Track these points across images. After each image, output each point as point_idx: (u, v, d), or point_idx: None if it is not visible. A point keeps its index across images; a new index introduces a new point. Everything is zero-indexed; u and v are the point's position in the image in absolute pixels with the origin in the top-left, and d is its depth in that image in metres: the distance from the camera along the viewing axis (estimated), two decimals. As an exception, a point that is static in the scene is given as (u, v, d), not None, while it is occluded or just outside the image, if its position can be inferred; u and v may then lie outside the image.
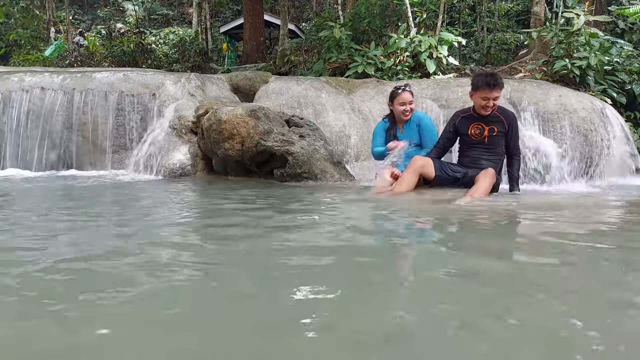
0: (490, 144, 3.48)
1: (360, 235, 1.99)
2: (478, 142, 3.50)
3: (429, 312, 1.05)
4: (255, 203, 2.91)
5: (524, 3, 18.40)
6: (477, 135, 3.48)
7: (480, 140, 3.49)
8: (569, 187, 4.65)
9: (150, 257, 1.52)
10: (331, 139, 5.20)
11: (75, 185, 4.00)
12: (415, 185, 3.39)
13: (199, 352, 0.85)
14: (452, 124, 3.60)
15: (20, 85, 5.54)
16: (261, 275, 1.35)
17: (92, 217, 2.39)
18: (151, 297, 1.13)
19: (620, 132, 5.54)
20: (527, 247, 1.83)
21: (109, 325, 0.96)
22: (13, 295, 1.15)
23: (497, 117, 3.46)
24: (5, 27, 16.92)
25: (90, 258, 1.49)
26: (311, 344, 0.87)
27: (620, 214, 2.84)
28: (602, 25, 9.79)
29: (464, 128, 3.53)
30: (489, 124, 3.46)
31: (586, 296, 1.19)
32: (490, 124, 3.46)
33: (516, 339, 0.91)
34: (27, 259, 1.48)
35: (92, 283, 1.24)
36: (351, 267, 1.46)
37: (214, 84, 6.21)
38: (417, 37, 8.14)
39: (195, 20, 18.24)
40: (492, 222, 2.37)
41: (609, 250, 1.72)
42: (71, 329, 0.95)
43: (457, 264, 1.49)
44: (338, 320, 0.99)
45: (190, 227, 2.16)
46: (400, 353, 0.84)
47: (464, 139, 3.58)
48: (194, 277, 1.32)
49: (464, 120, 3.54)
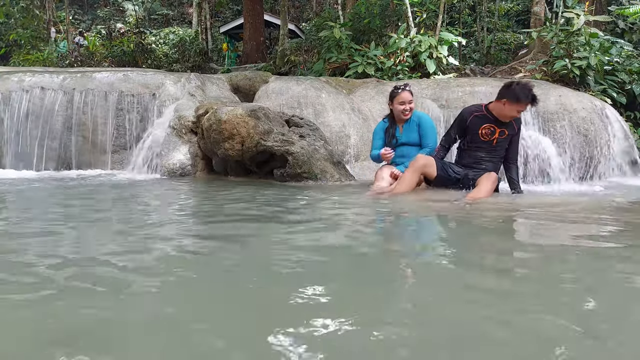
0: (497, 145, 3.46)
1: (360, 235, 1.99)
2: (485, 142, 3.47)
3: (429, 312, 1.05)
4: (255, 203, 2.91)
5: (524, 3, 18.40)
6: (487, 136, 3.44)
7: (488, 141, 3.46)
8: (569, 187, 4.65)
9: (150, 257, 1.52)
10: (331, 139, 5.20)
11: (75, 185, 4.00)
12: (416, 184, 3.38)
13: (198, 349, 0.85)
14: (463, 121, 3.52)
15: (20, 85, 5.53)
16: (261, 275, 1.35)
17: (92, 217, 2.39)
18: (150, 297, 1.13)
19: (620, 132, 5.54)
20: (527, 247, 1.83)
21: (108, 325, 0.96)
22: (13, 294, 1.15)
23: (510, 122, 3.43)
24: (5, 27, 16.92)
25: (90, 258, 1.49)
26: (310, 345, 0.87)
27: (621, 214, 2.84)
28: (602, 25, 9.79)
29: (475, 127, 3.46)
30: (501, 127, 3.42)
31: (586, 297, 1.19)
32: (503, 127, 3.43)
33: (516, 340, 0.91)
34: (27, 259, 1.48)
35: (91, 283, 1.24)
36: (351, 267, 1.46)
37: (214, 84, 6.21)
38: (417, 37, 8.14)
39: (195, 20, 18.24)
40: (493, 223, 2.37)
41: (609, 250, 1.72)
42: (71, 329, 0.95)
43: (457, 264, 1.49)
44: (337, 320, 0.99)
45: (190, 227, 2.16)
46: (400, 353, 0.84)
47: (470, 138, 3.52)
48: (193, 277, 1.32)
49: (476, 119, 3.47)
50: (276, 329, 0.93)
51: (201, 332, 0.93)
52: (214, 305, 1.10)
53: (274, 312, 1.05)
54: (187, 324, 0.97)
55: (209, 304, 1.11)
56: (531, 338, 0.91)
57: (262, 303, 1.11)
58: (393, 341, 0.89)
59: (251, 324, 0.98)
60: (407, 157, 3.80)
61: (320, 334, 0.92)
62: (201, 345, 0.87)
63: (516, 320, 1.00)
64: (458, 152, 3.69)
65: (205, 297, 1.16)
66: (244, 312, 1.06)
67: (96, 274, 1.32)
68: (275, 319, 1.01)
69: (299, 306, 1.07)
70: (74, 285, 1.22)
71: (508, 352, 0.86)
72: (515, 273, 1.42)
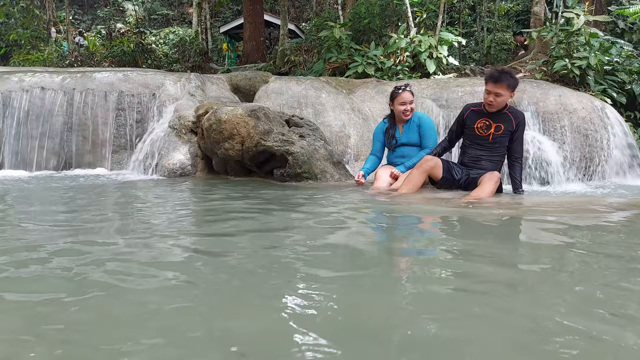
0: (494, 141, 3.43)
1: (360, 235, 1.99)
2: (482, 138, 3.45)
3: (428, 313, 1.05)
4: (255, 203, 2.91)
5: (524, 3, 18.39)
6: (483, 130, 3.43)
7: (484, 137, 3.44)
8: (569, 187, 4.65)
9: (150, 257, 1.52)
10: (331, 139, 5.20)
11: (75, 185, 4.00)
12: (422, 184, 3.39)
13: (197, 345, 0.85)
14: (461, 115, 3.56)
15: (20, 85, 5.54)
16: (261, 274, 1.35)
17: (92, 216, 2.39)
18: (150, 297, 1.13)
19: (620, 132, 5.54)
20: (528, 247, 1.83)
21: (108, 324, 0.96)
22: (14, 295, 1.15)
23: (507, 116, 3.40)
24: (5, 27, 16.91)
25: (89, 258, 1.49)
26: (308, 345, 0.87)
27: (621, 215, 2.84)
28: (602, 25, 9.79)
29: (472, 121, 3.48)
30: (496, 122, 3.40)
31: (587, 298, 1.19)
32: (498, 122, 3.40)
33: (515, 336, 0.91)
34: (27, 259, 1.48)
35: (91, 283, 1.24)
36: (351, 267, 1.46)
37: (214, 84, 6.21)
38: (417, 37, 8.14)
39: (195, 20, 18.22)
40: (494, 223, 2.37)
41: (610, 250, 1.72)
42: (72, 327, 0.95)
43: (458, 265, 1.49)
44: (337, 320, 0.99)
45: (190, 227, 2.16)
46: (399, 354, 0.84)
47: (468, 133, 3.54)
48: (193, 276, 1.32)
49: (473, 113, 3.49)
50: (275, 328, 0.93)
51: (201, 333, 0.93)
52: (213, 304, 1.10)
53: (274, 311, 1.05)
54: (188, 324, 0.97)
55: (209, 303, 1.11)
56: (531, 337, 0.91)
57: (263, 302, 1.11)
58: (392, 341, 0.89)
59: (251, 324, 0.98)
60: (406, 157, 3.80)
61: (320, 333, 0.92)
62: (199, 336, 0.87)
63: (512, 312, 1.00)
64: (460, 151, 3.68)
65: (205, 296, 1.16)
66: (242, 313, 1.06)
67: (96, 274, 1.32)
68: (276, 318, 1.01)
69: (298, 306, 1.07)
70: (74, 284, 1.22)
71: (506, 348, 0.86)
72: (514, 272, 1.42)
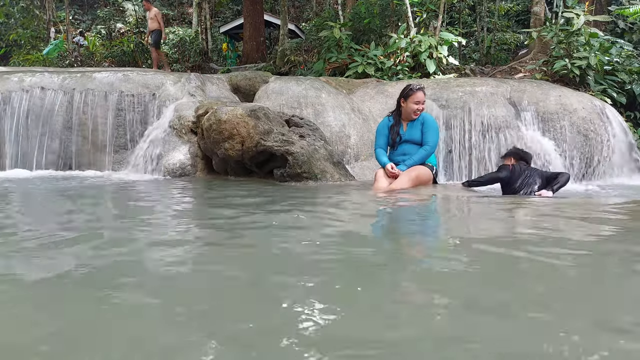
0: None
1: (360, 234, 1.99)
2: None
3: (427, 312, 1.05)
4: (255, 203, 2.91)
5: (524, 3, 18.41)
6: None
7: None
8: (569, 187, 4.64)
9: (149, 257, 1.52)
10: (331, 139, 5.20)
11: (75, 185, 4.00)
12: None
13: (197, 345, 0.85)
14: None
15: (20, 85, 5.54)
16: (261, 274, 1.35)
17: (92, 217, 2.39)
18: (150, 297, 1.13)
19: (620, 132, 5.54)
20: (527, 247, 1.83)
21: (107, 325, 0.96)
22: (15, 293, 1.15)
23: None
24: (5, 27, 16.92)
25: (89, 257, 1.49)
26: (307, 345, 0.87)
27: (621, 215, 2.83)
28: (602, 25, 9.80)
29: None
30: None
31: (586, 298, 1.19)
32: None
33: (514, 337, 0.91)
34: (26, 259, 1.48)
35: (90, 283, 1.24)
36: (350, 266, 1.46)
37: (214, 84, 6.22)
38: (417, 37, 8.14)
39: (195, 20, 18.23)
40: (494, 222, 2.37)
41: (610, 250, 1.72)
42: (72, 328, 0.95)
43: (458, 265, 1.49)
44: (337, 319, 0.99)
45: (189, 227, 2.16)
46: (398, 355, 0.84)
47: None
48: (193, 276, 1.32)
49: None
50: (276, 328, 0.93)
51: (201, 333, 0.93)
52: (213, 303, 1.10)
53: (274, 311, 1.05)
54: (188, 323, 0.97)
55: (208, 302, 1.11)
56: (530, 336, 0.91)
57: (262, 302, 1.11)
58: (392, 340, 0.89)
59: (251, 324, 0.98)
60: (408, 155, 3.82)
61: (320, 333, 0.92)
62: (197, 338, 0.87)
63: (510, 313, 1.00)
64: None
65: (205, 296, 1.16)
66: (243, 311, 1.06)
67: (95, 274, 1.32)
68: (275, 317, 1.01)
69: (298, 305, 1.07)
70: (74, 284, 1.22)
71: (506, 346, 0.86)
72: (516, 275, 1.42)
